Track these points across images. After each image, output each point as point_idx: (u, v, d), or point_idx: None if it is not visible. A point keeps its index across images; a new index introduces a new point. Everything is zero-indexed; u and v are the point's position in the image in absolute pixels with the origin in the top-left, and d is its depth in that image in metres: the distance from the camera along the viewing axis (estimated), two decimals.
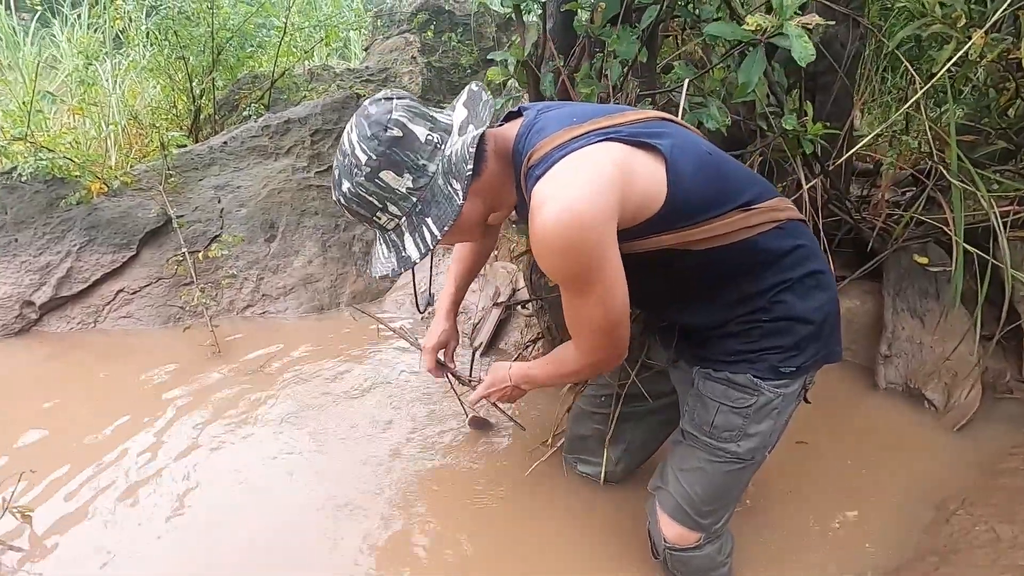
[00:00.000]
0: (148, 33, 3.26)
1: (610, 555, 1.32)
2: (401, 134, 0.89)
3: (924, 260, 2.06)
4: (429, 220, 0.92)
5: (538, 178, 0.89)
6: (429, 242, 0.91)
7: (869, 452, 1.67)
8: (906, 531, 1.41)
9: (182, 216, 2.37)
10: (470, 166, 0.88)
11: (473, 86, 0.99)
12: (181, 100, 3.41)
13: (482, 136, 0.94)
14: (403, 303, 2.41)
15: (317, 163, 2.74)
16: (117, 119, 2.83)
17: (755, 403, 1.04)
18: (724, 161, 1.02)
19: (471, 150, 0.88)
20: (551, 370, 1.13)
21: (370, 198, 0.91)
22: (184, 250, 2.25)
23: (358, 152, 0.89)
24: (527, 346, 1.97)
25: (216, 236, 2.37)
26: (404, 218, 0.93)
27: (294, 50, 3.65)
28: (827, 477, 1.57)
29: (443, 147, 0.91)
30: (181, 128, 3.23)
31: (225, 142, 2.73)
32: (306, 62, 3.83)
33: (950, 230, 1.76)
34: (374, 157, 0.88)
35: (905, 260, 2.07)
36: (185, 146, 2.68)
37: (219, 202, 2.48)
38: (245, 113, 3.20)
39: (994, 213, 1.66)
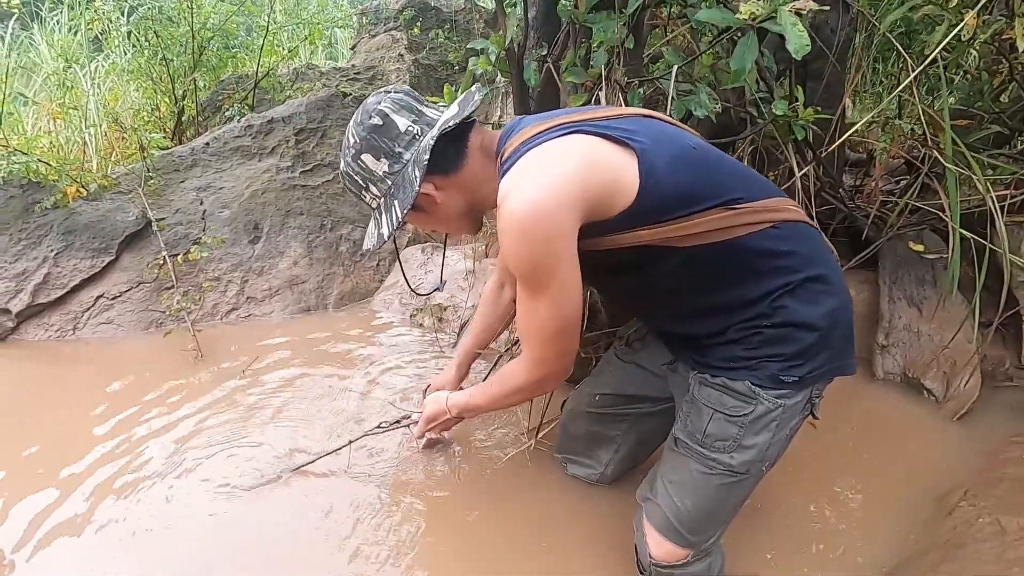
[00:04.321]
0: (129, 34, 3.21)
1: (592, 565, 1.26)
2: (381, 123, 0.98)
3: (920, 248, 2.03)
4: (396, 203, 0.99)
5: (506, 172, 0.92)
6: (394, 223, 0.99)
7: (868, 444, 1.64)
8: (907, 525, 1.37)
9: (163, 219, 2.32)
10: (426, 156, 0.94)
11: (473, 87, 1.04)
12: (164, 102, 3.35)
13: (468, 132, 1.00)
14: (391, 303, 2.36)
15: (301, 163, 2.69)
16: (97, 122, 2.77)
17: (752, 412, 0.98)
18: (712, 157, 0.98)
19: (430, 142, 0.95)
20: (494, 391, 1.15)
21: (355, 177, 1.02)
22: (164, 253, 2.20)
23: (350, 135, 1.01)
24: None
25: (198, 239, 2.31)
26: (383, 199, 1.02)
27: (278, 49, 3.60)
28: (825, 470, 1.54)
29: (421, 138, 0.97)
30: (164, 131, 3.17)
31: (207, 143, 2.67)
32: (291, 62, 3.78)
33: (946, 216, 1.72)
34: (357, 141, 0.99)
35: (900, 248, 2.04)
36: (167, 148, 2.62)
37: (201, 204, 2.43)
38: (228, 113, 3.15)
39: (991, 197, 1.62)
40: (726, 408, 1.00)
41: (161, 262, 2.20)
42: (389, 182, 0.99)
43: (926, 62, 1.57)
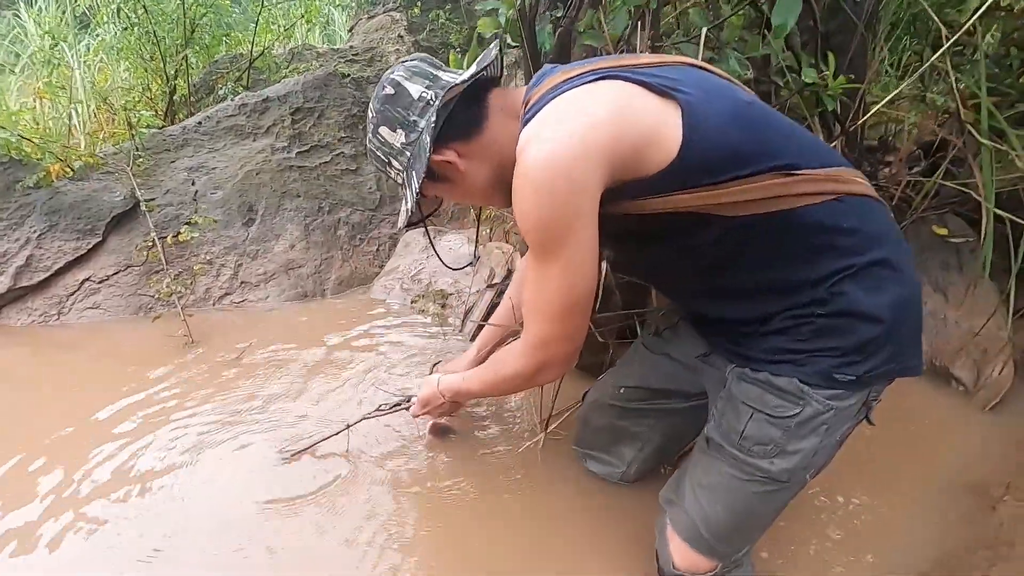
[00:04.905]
0: (118, 10, 3.09)
1: (604, 571, 1.15)
2: (393, 92, 0.91)
3: (943, 231, 1.94)
4: (414, 174, 0.91)
5: (527, 122, 0.81)
6: (414, 195, 0.91)
7: (895, 435, 1.55)
8: (942, 520, 1.29)
9: (152, 199, 2.21)
10: (433, 119, 0.88)
11: (491, 45, 0.95)
12: (156, 82, 3.23)
13: (487, 93, 0.92)
14: (392, 288, 2.26)
15: (298, 143, 2.58)
16: (84, 99, 2.66)
17: (799, 415, 0.85)
18: (768, 116, 0.86)
19: (437, 104, 0.88)
20: (488, 376, 1.06)
21: (378, 153, 0.96)
22: (154, 235, 2.09)
23: (369, 110, 0.96)
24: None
25: (189, 220, 2.21)
26: (404, 172, 0.95)
27: (273, 27, 3.49)
28: (851, 464, 1.43)
29: (435, 103, 0.89)
30: (155, 111, 3.05)
31: (199, 122, 2.56)
32: (287, 42, 3.66)
33: (979, 195, 1.63)
34: (375, 114, 0.94)
35: (924, 232, 1.96)
36: (159, 127, 2.51)
37: (193, 184, 2.32)
38: (222, 93, 3.03)
39: None
40: (768, 408, 0.87)
41: (150, 244, 2.09)
42: (408, 153, 0.92)
43: (962, 30, 1.48)
